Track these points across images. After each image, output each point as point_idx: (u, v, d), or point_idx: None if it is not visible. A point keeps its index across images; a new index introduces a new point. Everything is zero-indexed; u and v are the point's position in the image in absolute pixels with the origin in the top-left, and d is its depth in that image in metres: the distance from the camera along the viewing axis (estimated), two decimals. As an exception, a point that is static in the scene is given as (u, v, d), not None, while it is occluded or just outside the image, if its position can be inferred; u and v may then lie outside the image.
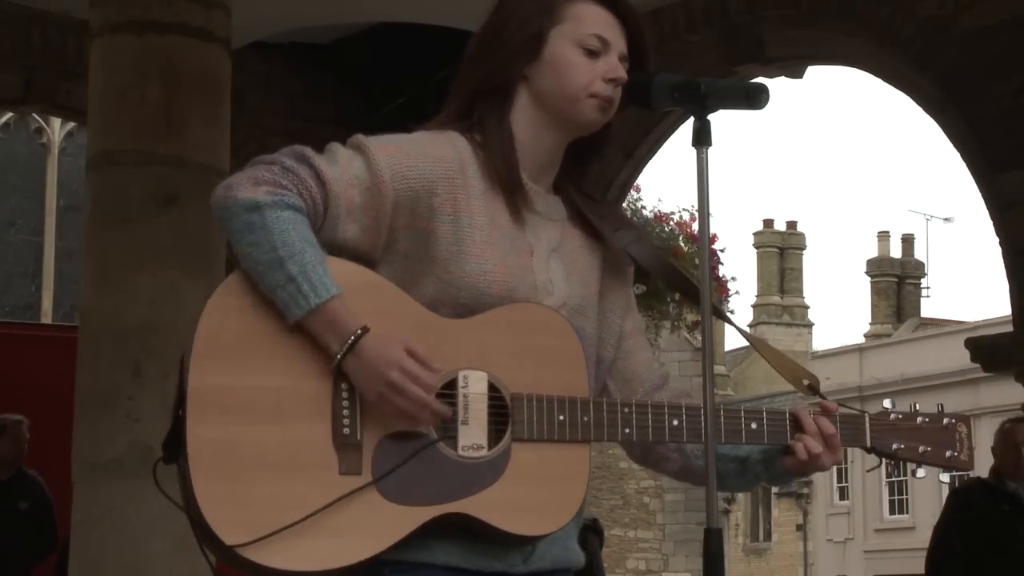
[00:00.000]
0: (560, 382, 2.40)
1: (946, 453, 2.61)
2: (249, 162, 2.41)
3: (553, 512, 2.37)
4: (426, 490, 2.32)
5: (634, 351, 2.65)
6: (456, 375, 2.36)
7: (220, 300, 2.35)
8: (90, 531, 5.79)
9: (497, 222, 2.46)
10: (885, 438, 2.59)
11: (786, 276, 45.70)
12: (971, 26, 7.40)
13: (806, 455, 2.51)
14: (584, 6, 2.52)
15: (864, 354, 35.25)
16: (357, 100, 9.84)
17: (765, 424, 2.52)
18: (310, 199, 2.36)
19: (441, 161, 2.44)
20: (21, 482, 8.49)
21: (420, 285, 2.41)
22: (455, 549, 2.37)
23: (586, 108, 2.49)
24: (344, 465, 2.30)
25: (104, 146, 6.09)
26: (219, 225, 2.37)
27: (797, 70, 8.75)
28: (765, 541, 39.26)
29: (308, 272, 2.30)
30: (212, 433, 2.28)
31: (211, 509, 2.26)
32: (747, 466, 2.59)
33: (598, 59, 2.50)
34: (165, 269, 5.84)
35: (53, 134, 25.09)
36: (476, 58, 2.54)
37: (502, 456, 2.35)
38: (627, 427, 2.44)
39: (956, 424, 2.64)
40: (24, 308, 24.25)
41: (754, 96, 2.42)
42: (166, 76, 5.99)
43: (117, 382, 5.78)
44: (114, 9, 6.14)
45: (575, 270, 2.55)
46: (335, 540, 2.28)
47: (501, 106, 2.51)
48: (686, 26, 8.50)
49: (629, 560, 30.09)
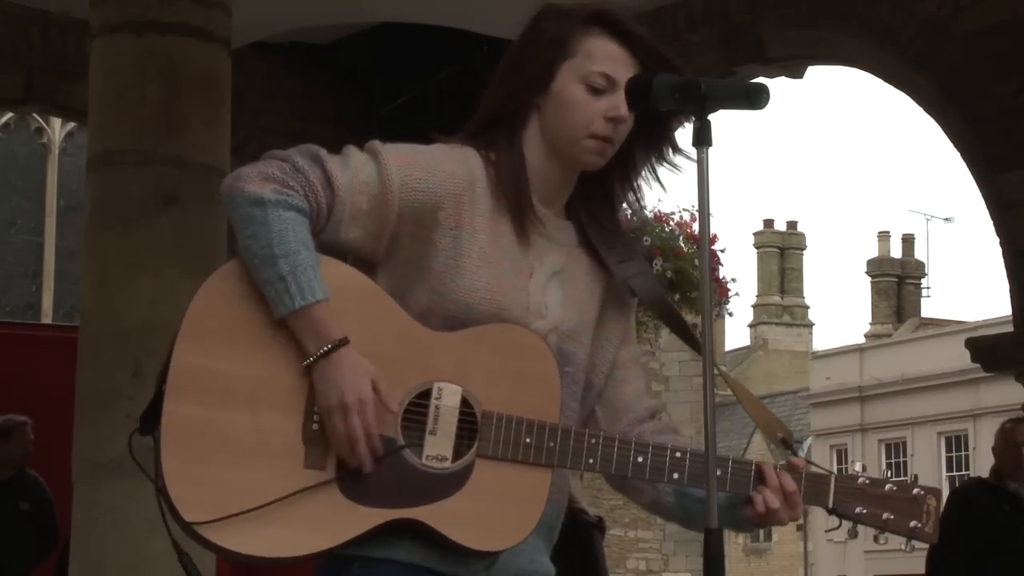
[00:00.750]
0: (532, 405, 2.44)
1: (911, 523, 2.57)
2: (264, 155, 2.45)
3: (505, 531, 2.41)
4: (385, 493, 2.37)
5: (625, 381, 2.68)
6: (431, 386, 2.40)
7: (215, 284, 2.42)
8: (90, 531, 5.80)
9: (499, 241, 2.50)
10: (849, 501, 2.57)
11: (786, 276, 45.71)
12: (971, 26, 7.40)
13: (764, 508, 2.53)
14: (596, 41, 2.54)
15: (864, 354, 35.25)
16: (357, 100, 9.84)
17: (729, 472, 2.53)
18: (315, 202, 2.40)
19: (452, 177, 2.47)
20: (22, 482, 8.49)
21: (415, 293, 2.46)
22: (418, 548, 2.42)
23: (583, 149, 2.53)
24: (310, 459, 2.36)
25: (104, 146, 6.09)
26: (223, 210, 2.43)
27: (797, 70, 8.75)
28: (765, 541, 39.28)
29: (298, 274, 2.34)
30: (187, 411, 2.34)
31: (176, 484, 2.32)
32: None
33: (602, 96, 2.52)
34: (165, 269, 5.84)
35: (53, 134, 25.10)
36: (498, 81, 2.59)
37: (464, 470, 2.40)
38: (591, 458, 2.47)
39: (925, 496, 2.58)
40: (24, 308, 24.26)
41: (754, 96, 2.42)
42: (166, 76, 6.00)
43: (117, 382, 5.79)
44: (114, 9, 6.14)
45: (574, 296, 2.58)
46: (291, 530, 2.33)
47: (514, 130, 2.55)
48: (686, 26, 8.50)
49: (629, 560, 30.09)
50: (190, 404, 2.34)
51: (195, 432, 2.33)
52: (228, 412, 2.35)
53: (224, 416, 2.34)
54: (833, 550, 35.59)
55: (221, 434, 2.34)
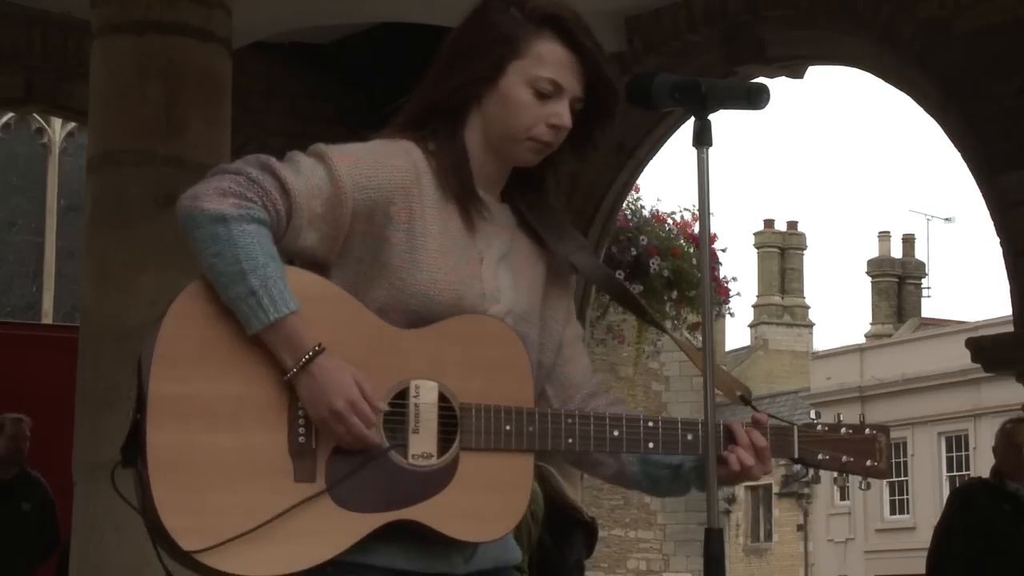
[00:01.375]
0: (507, 392, 2.47)
1: (866, 462, 2.70)
2: (211, 170, 2.45)
3: (498, 519, 2.45)
4: (377, 497, 2.38)
5: (573, 358, 2.70)
6: (408, 385, 2.42)
7: (182, 307, 2.41)
8: (91, 531, 5.80)
9: (449, 230, 2.52)
10: (812, 448, 2.67)
11: (787, 276, 45.68)
12: (972, 26, 7.39)
13: (738, 466, 2.57)
14: (546, 45, 2.54)
15: (865, 354, 35.25)
16: (357, 100, 9.84)
17: (700, 435, 2.55)
18: (274, 211, 2.40)
19: (399, 171, 2.49)
20: (24, 483, 8.49)
21: (372, 290, 2.46)
22: (397, 551, 2.43)
23: (521, 149, 2.55)
24: (299, 473, 2.37)
25: (105, 146, 6.10)
26: (181, 232, 2.43)
27: (798, 70, 8.75)
28: (766, 541, 39.26)
29: (269, 287, 2.34)
30: (170, 439, 2.33)
31: (169, 515, 2.32)
32: (680, 473, 2.65)
33: (548, 102, 2.53)
34: (166, 269, 5.84)
35: (54, 134, 25.09)
36: (442, 70, 2.59)
37: (451, 464, 2.43)
38: (570, 437, 2.50)
39: (876, 435, 2.72)
40: (25, 308, 24.26)
41: (755, 96, 2.43)
42: (167, 76, 6.00)
43: (118, 382, 5.78)
44: (115, 9, 6.14)
45: (522, 277, 2.60)
46: (289, 546, 2.34)
47: (455, 122, 2.56)
48: (687, 26, 8.49)
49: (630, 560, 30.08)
50: (172, 432, 2.33)
51: (182, 460, 2.33)
52: (212, 435, 2.34)
53: (208, 440, 2.34)
54: (834, 550, 35.59)
55: (208, 458, 2.34)
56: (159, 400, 2.34)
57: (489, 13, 2.58)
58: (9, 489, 8.42)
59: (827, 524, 36.08)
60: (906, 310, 41.79)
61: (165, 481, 2.32)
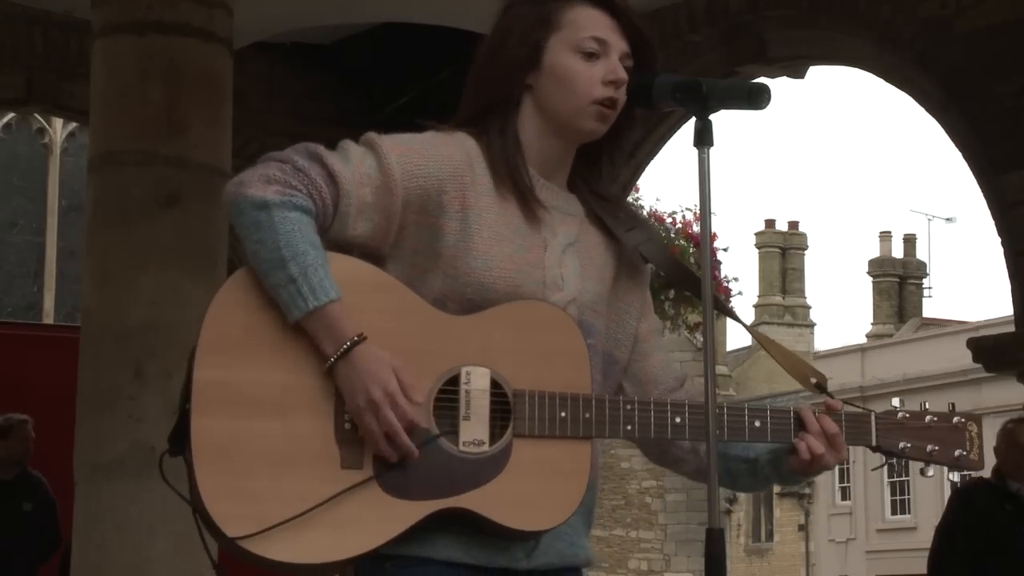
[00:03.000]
0: (563, 379, 2.41)
1: (955, 452, 2.58)
2: (261, 158, 2.43)
3: (553, 508, 2.38)
4: (426, 485, 2.33)
5: (650, 353, 2.66)
6: (459, 371, 2.37)
7: (228, 295, 2.38)
8: (91, 531, 5.80)
9: (507, 219, 2.48)
10: (891, 437, 2.57)
11: (788, 276, 45.68)
12: (973, 26, 7.39)
13: (808, 455, 2.51)
14: (580, 10, 2.54)
15: (866, 354, 35.23)
16: (358, 100, 9.84)
17: (769, 422, 2.51)
18: (319, 199, 2.38)
19: (451, 160, 2.46)
20: (25, 483, 8.49)
21: (428, 281, 2.43)
22: (456, 543, 2.39)
23: (587, 118, 2.51)
24: (346, 459, 2.33)
25: (106, 146, 6.10)
26: (228, 219, 2.40)
27: (799, 70, 8.74)
28: (767, 541, 39.25)
29: (309, 274, 2.32)
30: (216, 426, 2.31)
31: (214, 502, 2.29)
32: (757, 467, 2.60)
33: (597, 62, 2.51)
34: (167, 269, 5.85)
35: (55, 134, 25.10)
36: (480, 73, 2.57)
37: (503, 452, 2.37)
38: (629, 424, 2.44)
39: (966, 423, 2.59)
40: (26, 308, 24.26)
41: (756, 96, 2.42)
42: (168, 76, 6.00)
43: (119, 382, 5.79)
44: (116, 9, 6.14)
45: (591, 266, 2.56)
46: (336, 533, 2.30)
47: (506, 115, 2.53)
48: (687, 26, 8.49)
49: (631, 560, 30.09)
50: (218, 419, 2.31)
51: (227, 446, 2.31)
52: (258, 422, 2.32)
53: (254, 427, 2.32)
54: (835, 550, 35.58)
55: (254, 445, 2.31)
56: (204, 387, 2.32)
57: (514, 6, 2.57)
58: (10, 489, 8.42)
59: (828, 524, 36.06)
60: (907, 310, 41.80)
61: (210, 467, 2.29)
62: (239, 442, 2.31)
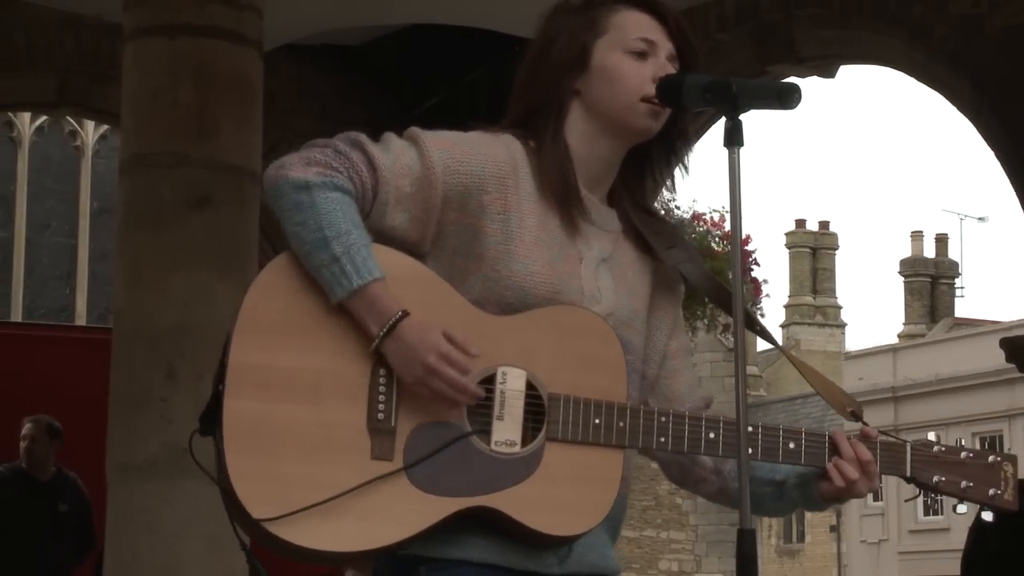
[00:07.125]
0: (599, 386, 2.40)
1: (989, 491, 2.56)
2: (303, 145, 2.43)
3: (581, 514, 2.37)
4: (455, 482, 2.32)
5: (678, 371, 2.65)
6: (495, 370, 2.36)
7: (267, 278, 2.37)
8: (124, 532, 5.82)
9: (547, 226, 2.47)
10: (926, 469, 2.55)
11: (819, 276, 45.53)
12: (1005, 24, 7.35)
13: (842, 481, 2.49)
14: (626, 14, 2.54)
15: (898, 354, 35.10)
16: (388, 102, 9.85)
17: (803, 444, 2.50)
18: (360, 183, 2.38)
19: (494, 160, 2.45)
20: (61, 484, 8.53)
21: (467, 282, 2.42)
22: (490, 546, 2.38)
23: (638, 116, 2.50)
24: (376, 449, 2.32)
25: (137, 149, 6.12)
26: (270, 203, 2.39)
27: (829, 69, 8.72)
28: (798, 542, 39.14)
29: (352, 254, 2.31)
30: (248, 408, 2.31)
31: (242, 483, 2.28)
32: (784, 490, 2.58)
33: (646, 60, 2.51)
34: (198, 271, 5.86)
35: (87, 137, 25.25)
36: (526, 79, 2.56)
37: (534, 454, 2.36)
38: (663, 436, 2.43)
39: (1001, 463, 2.57)
40: (58, 310, 24.42)
41: (786, 96, 2.41)
42: (198, 79, 6.02)
43: (151, 383, 5.81)
44: (147, 13, 6.16)
45: (624, 282, 2.55)
46: (361, 523, 2.29)
47: (555, 120, 2.52)
48: (717, 25, 8.48)
49: (662, 561, 30.06)
50: (251, 400, 2.30)
51: (258, 428, 2.30)
52: (290, 406, 2.31)
53: (286, 410, 2.31)
54: (867, 551, 35.45)
55: (285, 429, 2.30)
56: (239, 368, 2.31)
57: (558, 13, 2.57)
58: (46, 490, 8.46)
59: (860, 525, 35.93)
60: (939, 310, 41.60)
61: (240, 448, 2.28)
62: (271, 425, 2.30)
